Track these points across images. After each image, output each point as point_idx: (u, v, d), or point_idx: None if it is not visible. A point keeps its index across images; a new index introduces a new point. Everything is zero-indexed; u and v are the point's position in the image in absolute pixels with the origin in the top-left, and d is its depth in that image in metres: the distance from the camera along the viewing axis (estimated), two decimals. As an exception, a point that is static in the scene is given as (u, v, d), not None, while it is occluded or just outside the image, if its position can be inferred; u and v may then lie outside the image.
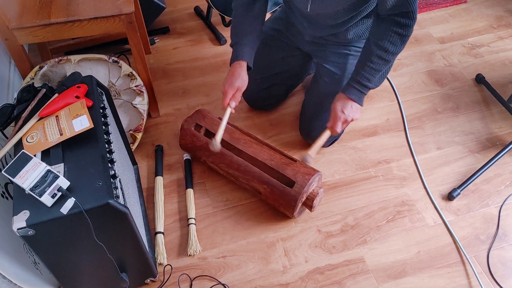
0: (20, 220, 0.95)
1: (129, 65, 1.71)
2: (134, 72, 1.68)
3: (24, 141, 1.10)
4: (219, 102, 1.92)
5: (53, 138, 1.08)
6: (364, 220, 1.53)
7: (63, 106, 1.16)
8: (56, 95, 1.20)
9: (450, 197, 1.57)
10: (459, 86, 2.00)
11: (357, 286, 1.37)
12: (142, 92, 1.68)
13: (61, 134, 1.08)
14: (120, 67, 1.67)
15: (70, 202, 0.97)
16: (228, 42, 2.19)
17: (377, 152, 1.73)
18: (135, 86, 1.67)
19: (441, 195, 1.60)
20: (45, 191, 0.95)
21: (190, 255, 1.44)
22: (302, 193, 1.40)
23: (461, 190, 1.58)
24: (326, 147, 1.73)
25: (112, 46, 2.14)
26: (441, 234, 1.49)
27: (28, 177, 0.96)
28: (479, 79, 1.99)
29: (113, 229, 1.07)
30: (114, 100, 1.64)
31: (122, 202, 1.07)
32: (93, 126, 1.10)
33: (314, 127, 1.64)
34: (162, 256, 1.40)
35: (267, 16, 1.64)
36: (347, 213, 1.55)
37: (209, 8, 2.27)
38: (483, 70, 2.06)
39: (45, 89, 1.23)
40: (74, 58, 1.61)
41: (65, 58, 1.60)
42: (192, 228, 1.48)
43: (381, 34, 1.35)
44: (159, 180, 1.60)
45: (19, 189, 1.00)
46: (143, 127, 1.68)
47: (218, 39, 2.20)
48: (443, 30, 2.28)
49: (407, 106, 1.91)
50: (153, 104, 1.80)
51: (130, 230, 1.10)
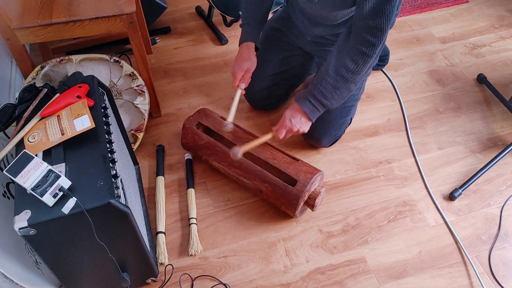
0: (22, 220, 0.95)
1: (131, 65, 1.71)
2: (136, 72, 1.68)
3: (26, 141, 1.10)
4: (221, 102, 1.92)
5: (55, 138, 1.08)
6: (365, 220, 1.53)
7: (65, 106, 1.16)
8: (58, 95, 1.20)
9: (452, 197, 1.57)
10: (461, 86, 1.99)
11: (358, 286, 1.37)
12: (144, 92, 1.68)
13: (63, 134, 1.08)
14: (122, 67, 1.67)
15: (72, 202, 0.97)
16: (230, 42, 2.20)
17: (379, 152, 1.73)
18: (137, 86, 1.68)
19: (443, 195, 1.59)
20: (47, 191, 0.95)
21: (191, 255, 1.44)
22: (304, 192, 1.40)
23: (463, 190, 1.57)
24: (327, 147, 1.73)
25: (113, 46, 2.14)
26: (443, 234, 1.49)
27: (30, 177, 0.96)
28: (481, 79, 1.99)
29: (115, 229, 1.07)
30: (116, 100, 1.65)
31: (124, 202, 1.07)
32: (95, 126, 1.10)
33: (315, 127, 1.63)
34: (163, 256, 1.41)
35: (269, 16, 1.65)
36: (348, 213, 1.55)
37: (210, 8, 2.27)
38: (485, 70, 2.05)
39: (47, 89, 1.23)
40: (76, 58, 1.61)
41: (67, 58, 1.60)
42: (193, 228, 1.48)
43: (345, 50, 1.33)
44: (160, 180, 1.61)
45: (21, 189, 1.00)
46: (144, 127, 1.68)
47: (219, 39, 2.20)
48: (445, 30, 2.28)
49: (409, 106, 1.91)
50: (154, 104, 1.80)
51: (132, 230, 1.10)
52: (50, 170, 0.97)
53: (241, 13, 1.58)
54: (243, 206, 1.57)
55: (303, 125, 1.43)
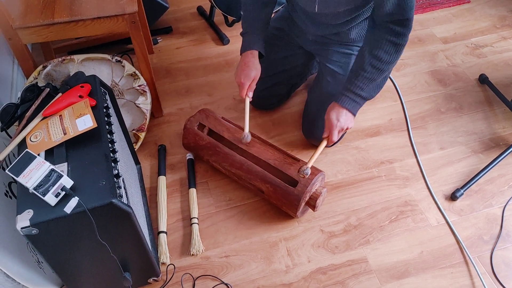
0: (24, 219, 0.95)
1: (132, 65, 1.71)
2: (137, 72, 1.68)
3: (28, 141, 1.10)
4: (222, 102, 1.92)
5: (57, 138, 1.08)
6: (367, 220, 1.53)
7: (67, 106, 1.16)
8: (60, 95, 1.20)
9: (453, 197, 1.57)
10: (462, 86, 1.99)
11: (360, 286, 1.37)
12: (145, 92, 1.68)
13: (65, 134, 1.08)
14: (123, 67, 1.67)
15: (74, 201, 0.97)
16: (231, 42, 2.19)
17: (380, 152, 1.73)
18: (138, 86, 1.68)
19: (444, 195, 1.59)
20: (49, 190, 0.95)
21: (193, 255, 1.44)
22: (305, 193, 1.40)
23: (464, 190, 1.57)
24: (329, 147, 1.73)
25: (115, 46, 2.14)
26: (444, 235, 1.49)
27: (32, 176, 0.96)
28: (483, 79, 1.98)
29: (116, 229, 1.07)
30: (117, 100, 1.65)
31: (126, 202, 1.07)
32: (97, 126, 1.10)
33: (317, 127, 1.63)
34: (165, 256, 1.41)
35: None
36: (350, 213, 1.55)
37: (212, 8, 2.27)
38: (487, 70, 2.05)
39: (49, 89, 1.23)
40: (78, 58, 1.61)
41: (69, 58, 1.60)
42: (195, 228, 1.48)
43: (376, 43, 1.33)
44: (162, 180, 1.61)
45: (23, 188, 1.00)
46: (146, 127, 1.68)
47: (221, 39, 2.20)
48: (446, 30, 2.28)
49: (410, 106, 1.91)
50: (156, 104, 1.80)
51: (133, 230, 1.10)
52: (52, 170, 0.97)
53: (241, 21, 1.57)
54: (245, 206, 1.57)
55: (349, 121, 1.44)
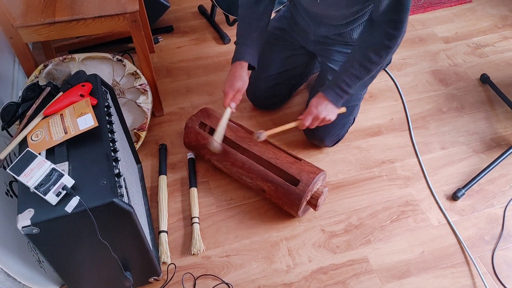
0: (25, 218, 0.95)
1: (133, 64, 1.71)
2: (138, 71, 1.68)
3: (29, 140, 1.10)
4: (223, 101, 1.91)
5: (58, 137, 1.08)
6: (368, 220, 1.52)
7: (68, 105, 1.16)
8: (61, 94, 1.20)
9: (455, 197, 1.57)
10: (464, 86, 1.99)
11: (361, 286, 1.37)
12: (146, 91, 1.68)
13: (66, 133, 1.08)
14: (124, 66, 1.67)
15: (75, 201, 0.97)
16: (232, 41, 2.19)
17: (381, 152, 1.73)
18: (139, 85, 1.67)
19: (446, 195, 1.59)
20: (50, 190, 0.95)
21: (194, 254, 1.44)
22: (307, 192, 1.40)
23: (466, 190, 1.57)
24: (330, 147, 1.73)
25: (116, 45, 2.14)
26: (446, 234, 1.49)
27: (33, 176, 0.96)
28: (484, 79, 1.98)
29: (117, 228, 1.07)
30: (118, 99, 1.65)
31: (126, 201, 1.07)
32: (98, 125, 1.10)
33: (318, 127, 1.63)
34: (166, 255, 1.40)
35: (272, 15, 1.64)
36: (351, 213, 1.54)
37: (213, 7, 2.27)
38: (488, 70, 2.05)
39: (50, 88, 1.23)
40: (79, 57, 1.61)
41: (70, 57, 1.60)
42: (196, 227, 1.48)
43: (368, 43, 1.35)
44: (163, 179, 1.60)
45: (24, 188, 1.00)
46: (147, 126, 1.68)
47: (222, 38, 2.20)
48: (448, 30, 2.27)
49: (411, 106, 1.90)
50: (157, 103, 1.80)
51: (134, 229, 1.10)
52: (53, 169, 0.97)
53: (237, 29, 1.55)
54: (246, 205, 1.57)
55: (330, 112, 1.45)
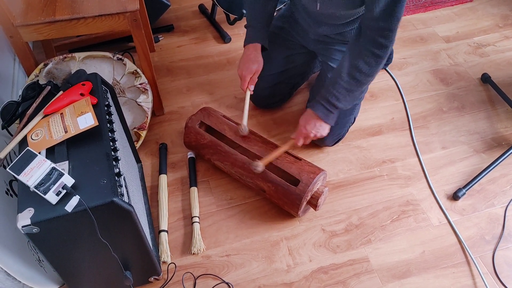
0: (25, 218, 0.95)
1: (134, 63, 1.70)
2: (139, 70, 1.68)
3: (29, 139, 1.10)
4: (224, 100, 1.91)
5: (58, 136, 1.08)
6: (369, 220, 1.52)
7: (68, 104, 1.15)
8: (61, 93, 1.20)
9: (455, 197, 1.56)
10: (465, 86, 1.99)
11: (362, 286, 1.36)
12: (147, 90, 1.68)
13: (66, 132, 1.08)
14: (125, 65, 1.67)
15: (75, 200, 0.97)
16: (233, 41, 2.19)
17: (382, 152, 1.73)
18: (140, 84, 1.67)
19: (446, 195, 1.59)
20: (50, 189, 0.95)
21: (194, 254, 1.43)
22: (307, 192, 1.39)
23: (466, 190, 1.57)
24: (331, 146, 1.73)
25: (117, 44, 2.14)
26: (446, 234, 1.48)
27: (33, 175, 0.96)
28: (485, 79, 1.98)
29: (118, 227, 1.07)
30: (119, 98, 1.64)
31: (127, 200, 1.07)
32: (98, 124, 1.10)
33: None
34: (166, 255, 1.40)
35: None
36: (352, 213, 1.54)
37: (214, 6, 2.27)
38: (489, 70, 2.05)
39: (50, 87, 1.23)
40: (79, 56, 1.61)
41: (70, 56, 1.60)
42: (196, 227, 1.47)
43: (358, 53, 1.33)
44: (163, 178, 1.60)
45: (24, 187, 1.00)
46: (147, 125, 1.68)
47: (223, 37, 2.19)
48: (449, 29, 2.27)
49: (412, 105, 1.90)
50: (157, 102, 1.80)
51: (135, 228, 1.10)
52: (54, 168, 0.97)
53: (245, 14, 1.58)
54: (246, 205, 1.57)
55: (320, 129, 1.44)
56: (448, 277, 1.38)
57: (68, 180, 0.98)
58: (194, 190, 1.57)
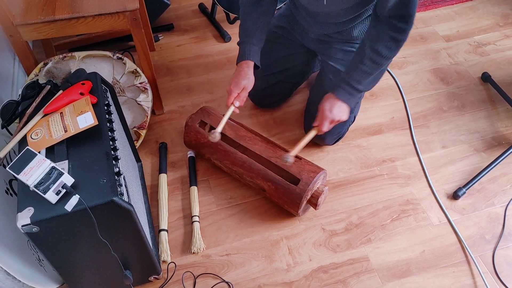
0: (25, 217, 0.95)
1: (133, 62, 1.70)
2: (139, 69, 1.67)
3: (29, 138, 1.09)
4: (224, 100, 1.91)
5: (58, 135, 1.08)
6: (369, 219, 1.52)
7: (68, 103, 1.15)
8: (61, 92, 1.20)
9: (455, 196, 1.56)
10: (465, 85, 1.98)
11: (362, 285, 1.36)
12: (146, 89, 1.68)
13: (66, 131, 1.08)
14: (125, 64, 1.66)
15: (75, 199, 0.96)
16: (233, 40, 2.19)
17: (382, 151, 1.73)
18: (139, 83, 1.67)
19: (446, 194, 1.59)
20: (50, 188, 0.95)
21: (194, 253, 1.43)
22: (307, 191, 1.39)
23: (467, 189, 1.57)
24: (331, 146, 1.73)
25: (116, 43, 2.14)
26: (446, 233, 1.48)
27: (33, 174, 0.95)
28: (485, 78, 1.98)
29: (117, 227, 1.07)
30: (118, 97, 1.64)
31: (127, 200, 1.07)
32: (98, 123, 1.09)
33: (319, 125, 1.63)
34: (166, 254, 1.40)
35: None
36: (352, 212, 1.54)
37: (214, 5, 2.26)
38: (489, 69, 2.04)
39: (50, 86, 1.23)
40: (79, 55, 1.61)
41: (70, 55, 1.60)
42: (196, 226, 1.47)
43: (377, 37, 1.33)
44: (163, 178, 1.60)
45: (24, 186, 1.00)
46: (147, 124, 1.68)
47: (223, 36, 2.19)
48: (449, 28, 2.27)
49: (412, 105, 1.90)
50: (157, 101, 1.80)
51: (134, 228, 1.10)
52: (53, 167, 0.97)
53: (239, 30, 1.55)
54: (246, 204, 1.57)
55: (343, 113, 1.44)
56: (448, 277, 1.38)
57: (68, 180, 0.98)
58: (194, 189, 1.57)
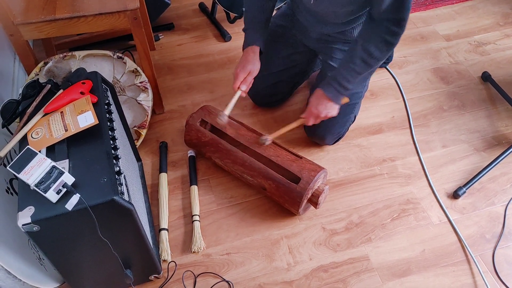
0: (25, 216, 0.95)
1: (134, 61, 1.70)
2: (139, 69, 1.67)
3: (29, 137, 1.10)
4: (224, 99, 1.91)
5: (58, 134, 1.08)
6: (369, 218, 1.52)
7: (68, 102, 1.15)
8: (61, 91, 1.20)
9: (456, 196, 1.56)
10: (465, 84, 1.98)
11: (362, 284, 1.36)
12: (147, 89, 1.68)
13: (66, 130, 1.08)
14: (125, 63, 1.67)
15: (75, 198, 0.97)
16: (233, 39, 2.19)
17: (382, 150, 1.73)
18: (140, 83, 1.67)
19: (447, 194, 1.59)
20: (50, 187, 0.95)
21: (194, 252, 1.44)
22: (308, 190, 1.39)
23: (467, 189, 1.57)
24: (331, 145, 1.73)
25: (117, 42, 2.14)
26: (446, 233, 1.48)
27: (33, 173, 0.96)
28: (485, 77, 1.98)
29: (118, 226, 1.07)
30: (119, 96, 1.64)
31: (127, 199, 1.07)
32: (98, 122, 1.10)
33: (319, 125, 1.62)
34: (166, 253, 1.40)
35: (273, 12, 1.64)
36: (352, 211, 1.54)
37: (214, 5, 2.26)
38: (489, 68, 2.04)
39: (50, 85, 1.23)
40: (79, 54, 1.61)
41: (70, 54, 1.60)
42: (197, 225, 1.47)
43: (370, 38, 1.35)
44: (163, 177, 1.60)
45: (24, 185, 1.00)
46: (148, 124, 1.68)
47: (223, 36, 2.19)
48: (449, 28, 2.27)
49: (413, 104, 1.90)
50: (158, 101, 1.80)
51: (135, 227, 1.10)
52: (54, 167, 0.97)
53: (244, 17, 1.58)
54: (247, 203, 1.57)
55: (330, 110, 1.47)
56: (448, 276, 1.38)
57: (69, 179, 0.98)
58: (195, 189, 1.57)
